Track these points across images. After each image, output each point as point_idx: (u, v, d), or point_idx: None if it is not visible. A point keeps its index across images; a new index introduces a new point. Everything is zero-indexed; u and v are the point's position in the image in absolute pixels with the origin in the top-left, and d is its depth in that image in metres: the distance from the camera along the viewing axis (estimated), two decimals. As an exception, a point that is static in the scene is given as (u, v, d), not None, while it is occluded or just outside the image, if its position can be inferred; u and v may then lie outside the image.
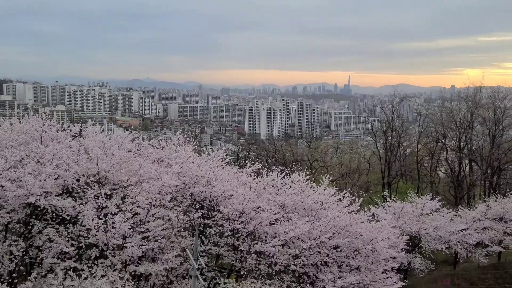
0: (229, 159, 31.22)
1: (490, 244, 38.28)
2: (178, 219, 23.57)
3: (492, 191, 58.04)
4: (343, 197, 28.09)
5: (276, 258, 24.03)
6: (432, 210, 37.08)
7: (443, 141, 68.61)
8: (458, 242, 36.79)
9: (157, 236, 21.97)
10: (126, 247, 20.41)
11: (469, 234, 37.18)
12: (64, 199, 20.73)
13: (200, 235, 24.01)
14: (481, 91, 69.14)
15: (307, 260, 24.71)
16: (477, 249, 38.35)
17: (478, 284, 37.23)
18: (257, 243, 24.03)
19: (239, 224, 24.58)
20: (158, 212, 22.45)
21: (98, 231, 20.00)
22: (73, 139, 25.27)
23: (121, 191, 22.90)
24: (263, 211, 25.10)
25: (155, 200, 22.46)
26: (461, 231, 36.83)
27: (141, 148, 28.82)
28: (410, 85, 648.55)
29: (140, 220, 21.85)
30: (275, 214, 25.45)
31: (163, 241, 22.67)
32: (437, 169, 74.68)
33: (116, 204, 21.19)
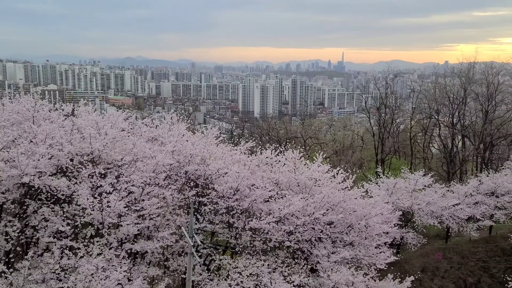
0: (223, 137, 31.21)
1: (481, 218, 38.90)
2: (173, 197, 23.69)
3: (484, 166, 58.63)
4: (337, 173, 28.32)
5: (271, 234, 24.29)
6: (425, 186, 37.47)
7: (436, 117, 68.87)
8: (450, 216, 37.33)
9: (152, 215, 22.08)
10: (121, 225, 20.53)
11: (461, 209, 37.71)
12: (58, 178, 20.70)
13: (195, 213, 24.16)
14: (474, 66, 69.07)
15: (301, 236, 25.01)
16: (468, 224, 38.96)
17: (470, 257, 37.97)
18: (251, 220, 24.25)
19: (234, 201, 24.74)
20: (153, 190, 22.52)
21: (93, 210, 20.06)
22: (65, 118, 25.10)
23: (116, 170, 22.88)
24: (257, 188, 25.25)
25: (150, 179, 22.50)
26: (453, 206, 37.33)
27: (135, 127, 28.71)
28: (404, 61, 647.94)
29: (135, 199, 21.93)
30: (270, 191, 25.62)
31: (158, 219, 22.80)
32: (430, 145, 75.13)
33: (111, 183, 21.21)
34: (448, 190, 39.62)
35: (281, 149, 29.77)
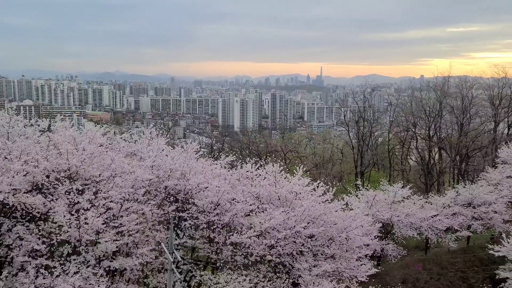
0: (203, 152, 31.11)
1: (459, 229, 39.41)
2: (152, 213, 23.36)
3: (461, 178, 59.68)
4: (317, 187, 28.42)
5: (252, 249, 24.11)
6: (404, 198, 37.89)
7: (413, 130, 70.06)
8: (429, 228, 37.73)
9: (131, 231, 21.70)
10: (99, 242, 20.11)
11: (439, 220, 38.15)
12: (33, 196, 20.23)
13: (175, 228, 23.86)
14: (449, 80, 70.83)
15: (282, 249, 24.91)
16: (447, 234, 39.41)
17: (449, 268, 38.35)
18: (232, 235, 24.05)
19: (214, 216, 24.53)
20: (132, 206, 22.19)
21: (70, 227, 19.62)
22: (41, 134, 24.63)
23: (93, 186, 22.49)
24: (238, 202, 25.11)
25: (129, 195, 22.18)
26: (431, 217, 37.77)
27: (113, 142, 28.31)
28: (381, 76, 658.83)
29: (114, 215, 21.55)
30: (250, 205, 25.51)
31: (138, 236, 22.43)
32: (408, 157, 76.26)
33: (89, 199, 20.82)
34: (426, 202, 40.10)
35: (262, 163, 29.75)
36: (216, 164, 28.68)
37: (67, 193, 20.91)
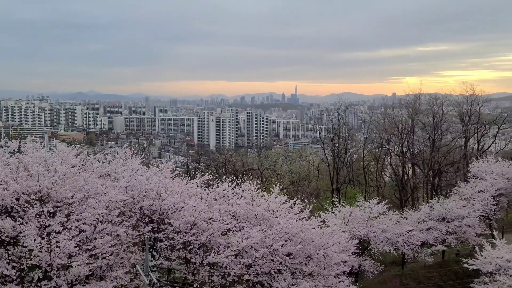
0: (179, 171, 30.77)
1: (434, 243, 39.90)
2: (127, 235, 22.87)
3: (434, 193, 60.74)
4: (294, 204, 28.37)
5: (230, 268, 23.80)
6: (379, 213, 38.19)
7: (387, 146, 71.19)
8: (405, 243, 38.05)
9: (105, 253, 21.15)
10: (72, 266, 19.49)
11: (414, 235, 38.56)
12: (2, 219, 19.54)
13: (151, 250, 23.40)
14: (420, 98, 72.60)
15: (260, 269, 24.66)
16: (422, 249, 39.82)
17: (425, 283, 38.66)
18: (209, 255, 23.73)
19: (191, 236, 24.19)
20: (106, 228, 21.66)
21: (41, 251, 18.97)
22: (11, 156, 23.95)
23: (66, 208, 21.89)
24: (215, 221, 24.86)
25: (102, 216, 21.66)
26: (407, 232, 38.14)
27: (86, 163, 27.74)
28: (355, 93, 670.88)
29: (87, 238, 20.98)
30: (227, 224, 25.27)
31: (112, 258, 21.86)
32: (383, 173, 77.29)
33: (60, 222, 20.22)
34: (401, 217, 40.54)
35: (238, 181, 29.60)
36: (192, 183, 28.42)
37: (37, 216, 20.27)
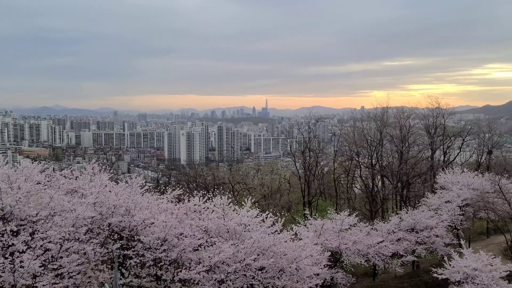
0: (149, 186, 30.18)
1: (404, 254, 40.38)
2: (95, 252, 22.24)
3: (403, 204, 61.68)
4: (266, 218, 28.30)
5: (202, 285, 23.43)
6: (351, 225, 38.45)
7: (357, 159, 72.11)
8: (376, 254, 38.39)
9: (72, 272, 20.48)
10: (37, 287, 18.75)
11: (385, 246, 38.97)
12: (-39, 239, 18.66)
13: (120, 267, 22.79)
14: (387, 111, 73.99)
15: (233, 284, 24.37)
16: (393, 260, 40.25)
17: (396, 293, 39.04)
18: (181, 271, 23.31)
19: (162, 252, 23.73)
20: (73, 246, 21.03)
21: (4, 271, 18.20)
22: (-28, 172, 22.99)
23: (30, 227, 21.14)
24: (186, 237, 24.51)
25: (69, 234, 21.03)
26: (377, 243, 38.51)
27: (52, 179, 26.96)
28: (324, 107, 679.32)
29: (52, 257, 20.29)
30: (199, 239, 24.96)
31: (79, 277, 21.18)
32: (353, 185, 78.16)
33: (24, 241, 19.50)
34: (372, 229, 40.90)
35: (209, 196, 29.34)
36: (163, 198, 27.97)
37: (0, 235, 19.46)
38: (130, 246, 23.85)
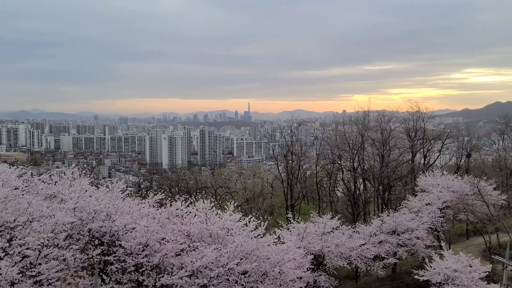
0: (130, 191, 29.84)
1: (386, 256, 40.77)
2: (75, 258, 21.83)
3: (384, 207, 62.40)
4: (249, 222, 28.23)
5: (184, 290, 23.16)
6: (333, 228, 38.63)
7: (339, 162, 72.56)
8: (358, 257, 38.63)
9: (51, 279, 20.07)
10: (14, 295, 18.31)
11: (367, 248, 39.27)
12: None
13: (101, 274, 22.42)
14: (369, 115, 74.72)
15: (216, 289, 24.18)
16: (375, 262, 40.57)
17: (378, 295, 39.32)
18: (163, 276, 23.06)
19: (143, 257, 23.43)
20: (52, 252, 20.61)
21: (-21, 280, 17.72)
22: None
23: (7, 233, 20.66)
24: (168, 242, 24.27)
25: (48, 240, 20.60)
26: (360, 246, 38.76)
27: (30, 184, 26.45)
28: (306, 111, 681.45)
29: (31, 263, 19.85)
30: (181, 244, 24.73)
31: (58, 284, 20.77)
32: (335, 188, 78.58)
33: (2, 247, 19.03)
34: (354, 231, 41.18)
35: (192, 200, 29.11)
36: (144, 203, 27.63)
37: (-24, 242, 18.98)
38: (111, 252, 23.49)
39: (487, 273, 32.86)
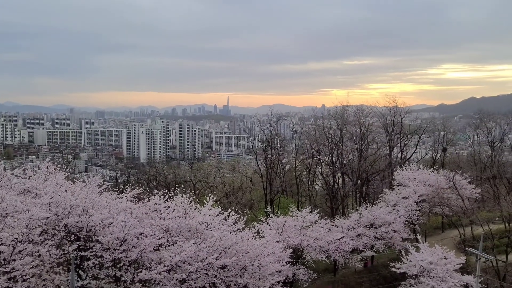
0: (107, 185, 29.37)
1: (364, 249, 41.28)
2: (50, 254, 21.39)
3: (362, 200, 63.09)
4: (228, 216, 28.16)
5: (162, 285, 23.03)
6: (312, 222, 38.88)
7: (318, 156, 73.02)
8: (336, 250, 39.01)
9: (25, 276, 19.64)
10: (-14, 292, 17.83)
11: (345, 241, 39.68)
12: None
13: (77, 269, 22.04)
14: (347, 109, 75.40)
15: (195, 283, 24.08)
16: (353, 255, 41.05)
17: (356, 288, 39.83)
18: (141, 271, 22.82)
19: (121, 253, 23.13)
20: (26, 248, 20.15)
21: (-51, 277, 17.18)
22: None
23: (-21, 229, 20.06)
24: (146, 237, 24.02)
25: (22, 236, 20.13)
26: (338, 239, 39.13)
27: (3, 179, 25.79)
28: (286, 105, 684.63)
29: (5, 259, 19.38)
30: (159, 239, 24.51)
31: (33, 280, 20.33)
32: (314, 183, 79.10)
33: (-27, 243, 18.49)
34: (333, 225, 41.52)
35: (170, 195, 28.87)
36: (122, 197, 27.25)
37: None
38: (88, 247, 23.11)
39: (461, 265, 33.63)
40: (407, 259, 34.72)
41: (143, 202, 27.81)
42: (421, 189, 48.15)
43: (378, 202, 49.17)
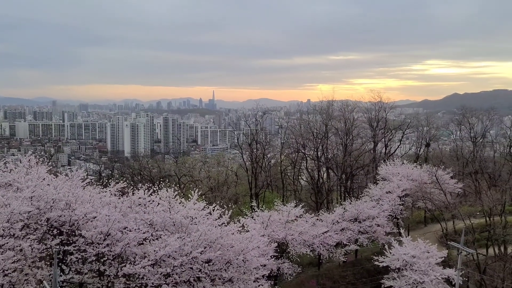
0: (91, 179, 29.06)
1: (348, 243, 41.65)
2: (32, 249, 21.11)
3: (347, 195, 63.60)
4: (213, 210, 28.12)
5: (147, 279, 22.92)
6: (297, 216, 39.04)
7: (303, 151, 73.26)
8: (321, 244, 39.29)
9: (7, 270, 19.39)
10: (-34, 287, 17.52)
11: (329, 236, 39.97)
12: None
13: (60, 264, 21.80)
14: (333, 104, 75.71)
15: (179, 277, 24.03)
16: (337, 249, 41.37)
17: (340, 281, 40.20)
18: (125, 266, 22.67)
19: (105, 247, 22.93)
20: (8, 243, 19.87)
21: None
22: None
23: (-41, 223, 19.70)
24: (130, 231, 23.86)
25: (3, 230, 19.83)
26: (322, 233, 39.40)
27: (-16, 172, 25.32)
28: (271, 100, 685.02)
29: (-16, 254, 19.01)
30: (144, 233, 24.37)
31: (15, 275, 20.05)
32: (299, 177, 79.42)
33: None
34: (317, 219, 41.74)
35: (155, 189, 28.66)
36: (106, 191, 27.00)
37: None
38: (71, 242, 22.87)
39: (443, 258, 34.16)
40: (390, 252, 35.16)
41: (127, 196, 27.60)
42: (405, 184, 48.70)
43: (362, 196, 49.58)
